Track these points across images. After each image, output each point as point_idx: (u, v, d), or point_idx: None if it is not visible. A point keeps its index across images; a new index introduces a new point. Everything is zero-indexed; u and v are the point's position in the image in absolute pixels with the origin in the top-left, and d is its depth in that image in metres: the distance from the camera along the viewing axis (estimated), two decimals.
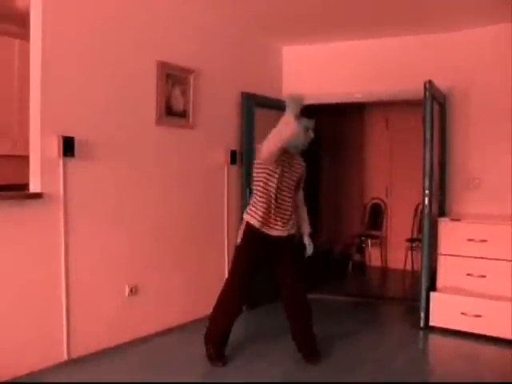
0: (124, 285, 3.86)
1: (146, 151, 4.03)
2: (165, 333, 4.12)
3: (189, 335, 4.07)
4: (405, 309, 5.14)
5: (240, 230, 3.49)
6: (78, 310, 3.50)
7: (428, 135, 4.31)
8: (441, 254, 4.42)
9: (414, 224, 6.74)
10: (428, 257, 4.40)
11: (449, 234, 4.39)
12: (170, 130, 4.22)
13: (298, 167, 3.54)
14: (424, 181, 4.32)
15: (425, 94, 4.28)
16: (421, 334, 4.30)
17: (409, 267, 6.69)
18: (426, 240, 4.40)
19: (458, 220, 4.41)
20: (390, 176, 7.32)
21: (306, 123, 3.39)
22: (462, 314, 4.14)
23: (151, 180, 4.07)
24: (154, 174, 4.09)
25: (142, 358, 3.60)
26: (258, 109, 4.95)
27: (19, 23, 4.43)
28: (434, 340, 4.25)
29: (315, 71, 5.42)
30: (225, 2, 4.23)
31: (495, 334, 4.01)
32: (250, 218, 3.42)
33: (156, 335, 4.04)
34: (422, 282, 4.39)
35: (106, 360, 3.53)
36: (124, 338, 3.83)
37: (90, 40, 3.57)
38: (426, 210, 4.34)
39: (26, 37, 3.54)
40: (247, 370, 3.43)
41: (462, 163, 4.86)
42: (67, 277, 3.44)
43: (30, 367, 3.23)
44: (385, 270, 7.19)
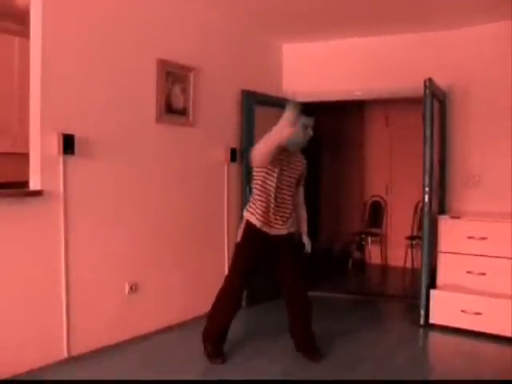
0: (124, 282, 3.86)
1: (146, 149, 4.03)
2: (165, 330, 4.13)
3: (189, 333, 4.08)
4: (405, 306, 5.14)
5: (240, 228, 3.49)
6: (77, 307, 3.51)
7: (428, 133, 4.31)
8: (441, 252, 4.42)
9: (413, 221, 6.73)
10: (428, 254, 4.40)
11: (449, 231, 4.39)
12: (170, 128, 4.21)
13: (299, 164, 3.54)
14: (424, 178, 4.32)
15: (425, 91, 4.28)
16: (421, 331, 4.30)
17: (409, 265, 6.69)
18: (425, 237, 4.40)
19: (458, 217, 4.41)
20: (390, 173, 7.31)
21: (305, 121, 3.37)
22: (462, 311, 4.14)
23: (151, 178, 4.07)
24: (153, 171, 4.09)
25: (142, 356, 3.60)
26: (258, 106, 4.95)
27: (19, 21, 4.43)
28: (434, 338, 4.26)
29: (315, 69, 5.42)
30: (225, 0, 4.22)
31: (495, 332, 4.01)
32: (249, 216, 3.42)
33: (156, 333, 4.05)
34: (422, 279, 4.39)
35: (105, 358, 3.54)
36: (124, 336, 3.83)
37: (90, 38, 3.56)
38: (426, 208, 4.34)
39: (26, 34, 3.54)
40: (247, 367, 3.43)
41: (462, 161, 4.86)
42: (67, 274, 3.44)
43: (30, 365, 3.23)
44: (385, 268, 7.19)
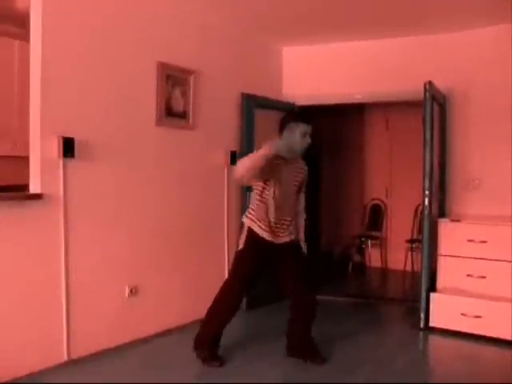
0: (124, 285, 3.86)
1: (146, 152, 4.03)
2: (164, 334, 4.12)
3: (188, 336, 4.05)
4: (405, 310, 5.14)
5: (242, 235, 3.48)
6: (77, 310, 3.50)
7: (428, 136, 4.31)
8: (441, 255, 4.42)
9: (413, 225, 6.73)
10: (428, 257, 4.40)
11: (449, 234, 4.38)
12: (169, 131, 4.22)
13: (300, 171, 3.53)
14: (424, 181, 4.32)
15: (425, 94, 4.28)
16: (421, 334, 4.30)
17: (409, 268, 6.69)
18: (426, 241, 4.40)
19: (457, 221, 4.41)
20: (390, 177, 7.31)
21: (303, 129, 3.37)
22: (462, 314, 4.14)
23: (151, 181, 4.07)
24: (154, 174, 4.09)
25: (142, 359, 3.60)
26: (258, 110, 4.95)
27: (19, 24, 4.44)
28: (434, 341, 4.25)
29: (315, 72, 5.42)
30: (225, 3, 4.23)
31: (495, 335, 4.01)
32: (251, 224, 3.42)
33: (156, 336, 4.04)
34: (422, 282, 4.39)
35: (105, 361, 3.53)
36: (124, 339, 3.83)
37: (90, 41, 3.57)
38: (426, 211, 4.34)
39: (25, 38, 3.55)
40: (247, 370, 3.43)
41: (462, 164, 4.86)
42: (67, 277, 3.44)
43: (30, 368, 3.22)
44: (385, 271, 7.19)
